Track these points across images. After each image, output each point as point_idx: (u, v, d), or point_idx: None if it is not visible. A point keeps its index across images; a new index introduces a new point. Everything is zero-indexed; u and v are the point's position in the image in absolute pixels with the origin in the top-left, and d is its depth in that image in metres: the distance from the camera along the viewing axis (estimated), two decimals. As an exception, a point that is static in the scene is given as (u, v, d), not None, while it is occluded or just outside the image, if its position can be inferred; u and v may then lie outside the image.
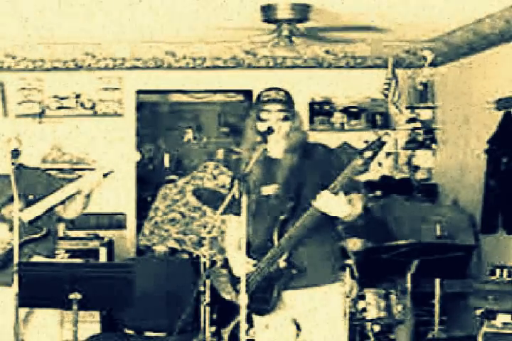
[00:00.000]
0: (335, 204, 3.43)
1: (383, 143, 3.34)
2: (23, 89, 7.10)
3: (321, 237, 3.66)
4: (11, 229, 4.02)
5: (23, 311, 4.11)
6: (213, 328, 5.60)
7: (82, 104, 7.15)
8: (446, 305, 5.61)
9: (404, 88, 7.08)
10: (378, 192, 6.95)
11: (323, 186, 3.45)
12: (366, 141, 3.42)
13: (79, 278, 3.83)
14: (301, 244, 3.60)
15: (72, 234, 6.68)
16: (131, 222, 7.28)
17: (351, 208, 3.52)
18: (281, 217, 3.61)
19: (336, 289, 3.74)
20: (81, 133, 7.15)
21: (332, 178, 3.43)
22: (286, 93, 3.71)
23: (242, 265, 3.55)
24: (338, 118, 7.32)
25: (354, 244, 5.34)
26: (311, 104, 7.31)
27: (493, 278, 4.91)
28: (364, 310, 5.07)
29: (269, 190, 3.70)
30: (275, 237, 3.61)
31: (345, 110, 7.32)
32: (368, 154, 3.33)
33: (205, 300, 5.39)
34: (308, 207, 3.49)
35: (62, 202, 4.22)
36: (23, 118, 6.99)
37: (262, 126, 3.65)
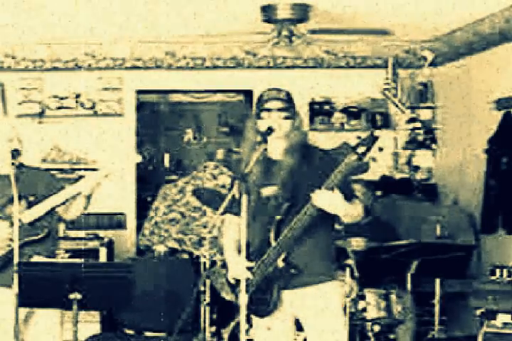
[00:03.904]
0: (330, 199, 3.44)
1: (376, 138, 3.36)
2: (23, 89, 7.10)
3: (319, 236, 3.66)
4: (11, 226, 4.02)
5: (23, 311, 4.11)
6: (213, 328, 5.60)
7: (82, 104, 7.15)
8: (446, 305, 5.61)
9: (404, 88, 7.08)
10: (378, 192, 6.95)
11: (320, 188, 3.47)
12: (359, 137, 3.44)
13: (79, 278, 3.82)
14: (300, 243, 3.60)
15: (72, 234, 6.68)
16: (131, 222, 7.28)
17: (349, 207, 3.52)
18: (277, 217, 3.61)
19: (335, 288, 3.74)
20: (81, 133, 7.15)
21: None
22: (287, 93, 3.72)
23: (242, 268, 3.55)
24: (338, 118, 7.31)
25: (357, 244, 5.34)
26: (311, 104, 7.31)
27: (493, 278, 4.91)
28: (364, 310, 5.07)
29: (268, 191, 3.70)
30: (272, 238, 3.61)
31: (345, 110, 7.32)
32: (362, 149, 3.35)
33: (205, 300, 5.39)
34: (305, 206, 3.50)
35: (63, 203, 4.22)
36: (23, 118, 6.99)
37: (263, 125, 3.65)
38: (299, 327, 3.82)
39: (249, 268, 3.62)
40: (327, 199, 3.44)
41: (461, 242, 5.96)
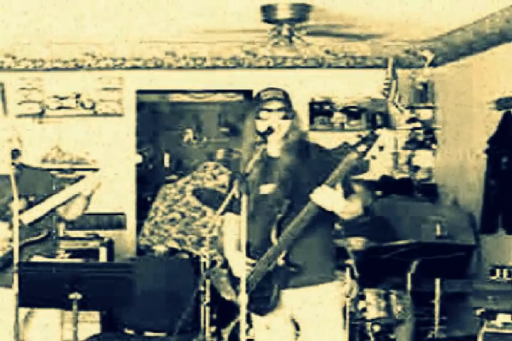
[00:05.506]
0: (331, 198, 3.44)
1: (376, 136, 3.37)
2: (23, 89, 7.10)
3: (319, 235, 3.67)
4: (11, 227, 4.02)
5: (23, 311, 4.11)
6: (213, 328, 5.60)
7: (82, 104, 7.15)
8: (446, 305, 5.61)
9: (404, 88, 7.08)
10: (378, 192, 6.95)
11: (320, 185, 3.47)
12: (360, 136, 3.45)
13: (79, 278, 3.82)
14: (299, 242, 3.60)
15: (72, 234, 6.68)
16: (131, 222, 7.28)
17: (348, 204, 3.52)
18: (278, 216, 3.61)
19: (334, 288, 3.74)
20: (81, 133, 7.15)
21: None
22: (285, 92, 3.73)
23: (241, 266, 3.55)
24: (338, 118, 7.32)
25: (357, 243, 5.34)
26: (311, 104, 7.31)
27: (493, 278, 4.91)
28: (364, 310, 5.07)
29: (267, 189, 3.70)
30: (273, 236, 3.61)
31: (345, 110, 7.32)
32: (362, 148, 3.36)
33: (205, 300, 5.39)
34: (305, 204, 3.50)
35: (63, 204, 4.22)
36: (23, 118, 7.00)
37: (262, 126, 3.65)
38: (298, 327, 3.83)
39: (251, 266, 3.63)
40: (326, 197, 3.44)
41: (461, 242, 5.96)
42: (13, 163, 4.13)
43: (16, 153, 4.16)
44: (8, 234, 4.08)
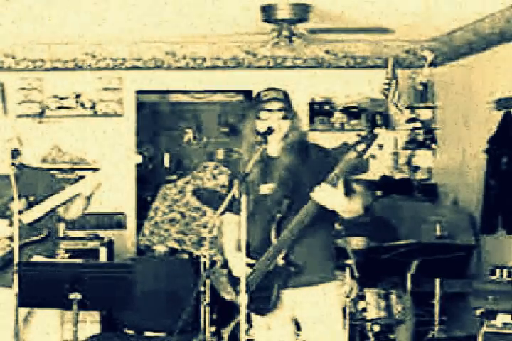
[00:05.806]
0: (331, 196, 3.43)
1: (375, 136, 3.39)
2: (23, 89, 7.10)
3: (319, 235, 3.67)
4: (11, 225, 4.02)
5: (23, 311, 4.11)
6: (213, 328, 5.60)
7: (82, 104, 7.15)
8: (446, 305, 5.61)
9: (404, 88, 7.08)
10: (378, 192, 6.95)
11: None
12: (359, 135, 3.46)
13: (79, 278, 3.82)
14: (300, 242, 3.60)
15: (72, 234, 6.68)
16: (131, 222, 7.28)
17: (349, 202, 3.51)
18: (278, 215, 3.61)
19: (334, 288, 3.75)
20: (81, 133, 7.15)
21: None
22: (284, 92, 3.73)
23: (241, 266, 3.55)
24: (338, 118, 7.31)
25: (357, 243, 5.34)
26: (311, 104, 7.30)
27: (493, 278, 4.91)
28: (364, 310, 5.07)
29: (266, 189, 3.70)
30: (273, 236, 3.61)
31: (345, 110, 7.32)
32: (361, 147, 3.37)
33: (205, 300, 5.39)
34: (305, 204, 3.50)
35: (63, 204, 4.22)
36: (23, 118, 7.00)
37: (262, 126, 3.65)
38: (299, 326, 3.83)
39: (251, 266, 3.63)
40: (326, 195, 3.44)
41: (461, 242, 5.96)
42: (13, 163, 4.13)
43: (15, 153, 4.16)
44: (7, 231, 4.08)
